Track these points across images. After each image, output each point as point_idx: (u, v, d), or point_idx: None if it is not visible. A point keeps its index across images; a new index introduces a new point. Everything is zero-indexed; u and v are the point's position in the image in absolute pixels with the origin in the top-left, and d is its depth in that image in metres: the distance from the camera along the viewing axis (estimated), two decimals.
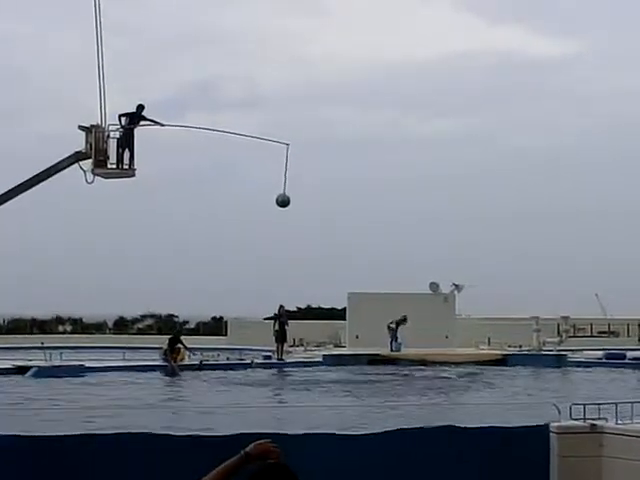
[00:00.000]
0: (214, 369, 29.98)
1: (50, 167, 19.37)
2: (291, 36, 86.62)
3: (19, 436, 8.90)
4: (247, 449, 4.26)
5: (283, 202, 19.52)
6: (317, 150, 73.88)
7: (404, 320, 36.41)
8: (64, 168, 19.38)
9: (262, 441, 4.30)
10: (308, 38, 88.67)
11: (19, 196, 19.35)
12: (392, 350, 35.57)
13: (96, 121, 19.53)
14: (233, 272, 75.71)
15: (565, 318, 39.31)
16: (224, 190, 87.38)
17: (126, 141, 19.91)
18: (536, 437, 9.95)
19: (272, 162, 22.50)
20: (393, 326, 36.26)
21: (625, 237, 63.70)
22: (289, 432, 9.07)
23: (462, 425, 10.11)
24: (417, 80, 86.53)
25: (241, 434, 8.09)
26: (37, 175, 19.37)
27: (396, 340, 35.95)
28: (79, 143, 19.63)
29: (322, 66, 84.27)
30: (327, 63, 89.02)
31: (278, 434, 8.17)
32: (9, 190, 19.28)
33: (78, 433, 9.22)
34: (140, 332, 51.25)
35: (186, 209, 78.41)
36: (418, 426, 10.17)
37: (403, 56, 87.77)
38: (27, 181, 19.39)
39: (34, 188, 19.49)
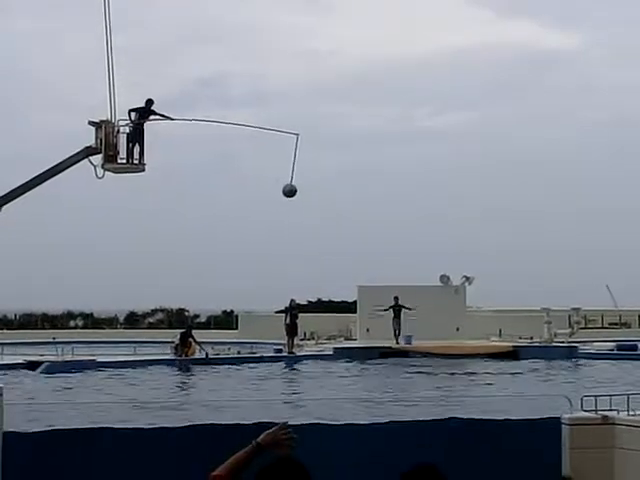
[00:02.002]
0: (224, 364, 29.95)
1: (60, 162, 19.34)
2: (297, 31, 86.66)
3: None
4: (258, 439, 4.23)
5: (290, 192, 19.40)
6: (325, 144, 73.98)
7: (396, 301, 36.51)
8: (74, 163, 19.36)
9: (272, 430, 4.26)
10: (314, 33, 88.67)
11: (29, 192, 19.34)
12: (397, 342, 35.58)
13: (104, 116, 19.51)
14: (243, 266, 75.91)
15: (576, 310, 39.20)
16: (233, 184, 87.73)
17: (136, 136, 19.90)
18: (548, 429, 9.93)
19: (280, 156, 22.48)
20: (382, 313, 36.54)
21: (636, 227, 63.64)
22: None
23: (476, 417, 10.11)
24: (421, 74, 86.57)
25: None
26: (47, 171, 19.33)
27: (399, 333, 36.00)
28: (81, 137, 19.59)
29: (327, 61, 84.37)
30: (332, 59, 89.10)
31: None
32: (19, 186, 19.26)
33: None
34: (151, 326, 51.27)
35: (195, 204, 78.65)
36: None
37: (404, 51, 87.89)
38: (37, 177, 19.36)
39: (44, 184, 19.47)
